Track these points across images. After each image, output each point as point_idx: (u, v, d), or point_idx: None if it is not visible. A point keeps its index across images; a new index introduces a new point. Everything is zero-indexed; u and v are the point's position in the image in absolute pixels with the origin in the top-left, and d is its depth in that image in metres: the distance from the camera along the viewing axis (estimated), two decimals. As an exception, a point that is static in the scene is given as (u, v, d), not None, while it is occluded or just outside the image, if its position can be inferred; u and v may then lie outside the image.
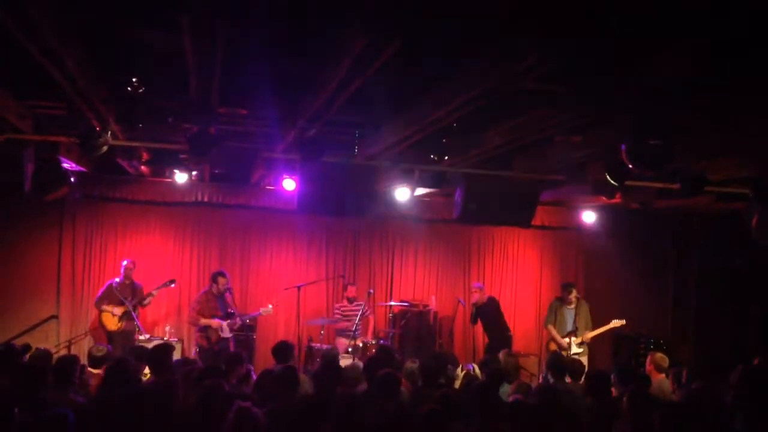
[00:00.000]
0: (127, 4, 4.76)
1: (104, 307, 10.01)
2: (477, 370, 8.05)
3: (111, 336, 9.85)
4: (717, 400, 5.85)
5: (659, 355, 7.67)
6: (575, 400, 6.21)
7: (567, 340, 10.02)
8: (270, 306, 10.29)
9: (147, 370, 6.65)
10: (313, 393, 5.98)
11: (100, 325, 10.14)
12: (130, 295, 10.04)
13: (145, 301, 10.18)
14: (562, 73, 5.07)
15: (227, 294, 10.00)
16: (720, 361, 9.54)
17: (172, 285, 10.37)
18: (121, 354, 7.73)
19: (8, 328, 10.13)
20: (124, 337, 9.86)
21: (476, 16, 4.31)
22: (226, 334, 9.74)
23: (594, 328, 10.23)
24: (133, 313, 9.89)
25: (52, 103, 7.17)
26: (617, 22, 4.14)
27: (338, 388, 6.13)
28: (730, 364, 7.30)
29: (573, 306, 10.22)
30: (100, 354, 7.06)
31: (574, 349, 9.88)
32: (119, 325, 9.95)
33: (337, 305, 10.96)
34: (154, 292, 10.21)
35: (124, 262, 10.28)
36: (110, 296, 10.02)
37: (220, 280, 9.92)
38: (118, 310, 9.96)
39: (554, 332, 10.35)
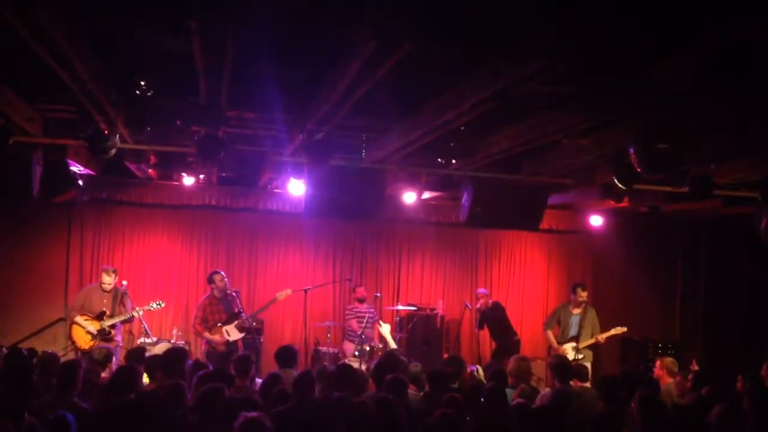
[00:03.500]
0: (137, 8, 4.76)
1: (78, 318, 9.03)
2: (480, 372, 8.04)
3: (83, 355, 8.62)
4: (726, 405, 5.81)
5: (669, 359, 7.64)
6: (583, 404, 6.19)
7: (569, 345, 9.95)
8: (288, 290, 10.03)
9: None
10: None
11: (70, 339, 9.17)
12: (111, 307, 9.13)
13: (129, 321, 9.36)
14: (571, 76, 5.07)
15: (231, 294, 9.74)
16: (729, 365, 9.51)
17: (158, 307, 9.53)
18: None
19: (16, 330, 10.17)
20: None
21: (487, 19, 4.31)
22: (235, 336, 9.43)
23: (603, 332, 10.11)
24: (111, 332, 9.04)
25: (60, 106, 7.19)
26: (626, 24, 4.13)
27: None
28: (740, 368, 7.29)
29: (579, 311, 10.13)
30: (100, 356, 7.04)
31: (571, 355, 9.74)
32: (91, 344, 8.90)
33: (348, 306, 10.96)
34: (137, 314, 9.22)
35: (106, 270, 9.34)
36: (87, 305, 9.12)
37: (215, 278, 9.69)
38: (93, 326, 9.01)
39: (551, 337, 10.28)
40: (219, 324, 9.49)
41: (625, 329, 10.17)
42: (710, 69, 4.78)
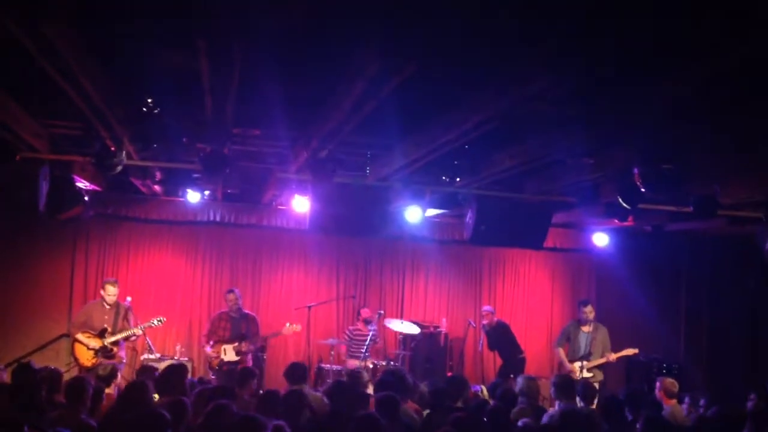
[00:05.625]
0: (144, 25, 4.81)
1: (79, 336, 8.93)
2: (485, 392, 8.00)
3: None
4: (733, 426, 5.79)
5: (669, 380, 7.59)
6: (591, 425, 6.15)
7: (578, 364, 9.92)
8: (298, 325, 9.89)
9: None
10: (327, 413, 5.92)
11: (73, 356, 9.08)
12: (112, 323, 9.02)
13: (131, 338, 9.31)
14: (575, 96, 5.09)
15: (250, 315, 9.80)
16: (733, 385, 9.47)
17: (159, 323, 9.42)
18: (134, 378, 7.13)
19: (20, 346, 10.15)
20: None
21: (490, 39, 4.34)
22: (230, 357, 9.47)
23: (615, 352, 10.08)
24: (113, 348, 8.94)
25: (67, 122, 7.24)
26: (628, 45, 4.15)
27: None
28: (744, 389, 7.25)
29: (589, 329, 10.09)
30: (105, 372, 7.04)
31: (584, 374, 9.75)
32: (93, 361, 8.80)
33: (350, 328, 10.89)
34: (139, 331, 9.17)
35: (110, 281, 9.24)
36: (89, 321, 9.01)
37: (227, 296, 9.81)
38: (95, 343, 8.90)
39: (562, 355, 10.24)
40: (220, 341, 9.52)
41: (636, 351, 10.16)
42: (714, 88, 4.80)
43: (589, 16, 3.78)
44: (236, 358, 9.49)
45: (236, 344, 9.51)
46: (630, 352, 10.14)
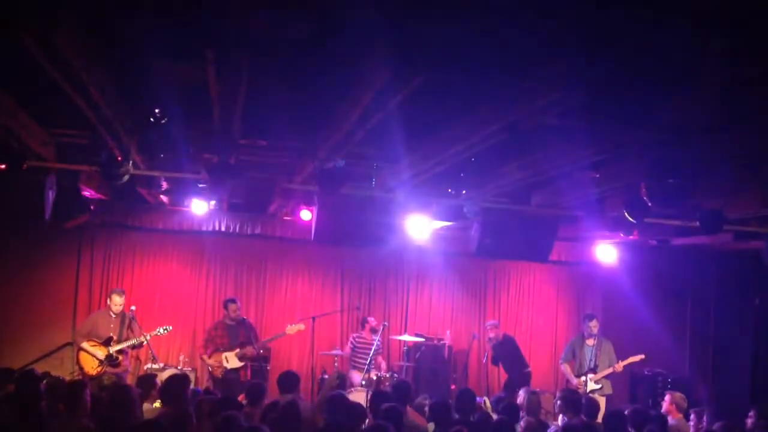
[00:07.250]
0: (153, 35, 4.82)
1: (84, 344, 9.00)
2: (488, 404, 7.97)
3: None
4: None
5: (679, 394, 7.57)
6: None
7: (583, 378, 9.89)
8: (301, 325, 10.03)
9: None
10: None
11: (78, 365, 9.11)
12: (118, 332, 9.08)
13: (137, 346, 9.28)
14: (583, 109, 5.09)
15: (247, 322, 9.84)
16: (738, 400, 9.41)
17: (165, 332, 9.50)
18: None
19: (25, 354, 10.13)
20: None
21: (499, 54, 4.34)
22: (234, 364, 9.52)
23: (620, 361, 10.07)
24: (118, 357, 9.00)
25: (75, 131, 7.25)
26: (638, 60, 4.16)
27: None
28: (749, 404, 7.21)
29: (593, 343, 10.07)
30: (110, 383, 7.02)
31: (591, 386, 9.75)
32: (98, 369, 8.86)
33: (354, 335, 10.88)
34: (144, 339, 9.15)
35: (117, 291, 9.43)
36: (94, 330, 9.08)
37: (230, 306, 9.82)
38: (101, 352, 8.95)
39: (568, 370, 10.22)
40: (220, 350, 9.52)
41: (642, 357, 10.13)
42: (722, 104, 4.80)
43: (598, 32, 3.78)
44: (240, 364, 9.54)
45: (237, 350, 9.53)
46: (637, 358, 10.14)
